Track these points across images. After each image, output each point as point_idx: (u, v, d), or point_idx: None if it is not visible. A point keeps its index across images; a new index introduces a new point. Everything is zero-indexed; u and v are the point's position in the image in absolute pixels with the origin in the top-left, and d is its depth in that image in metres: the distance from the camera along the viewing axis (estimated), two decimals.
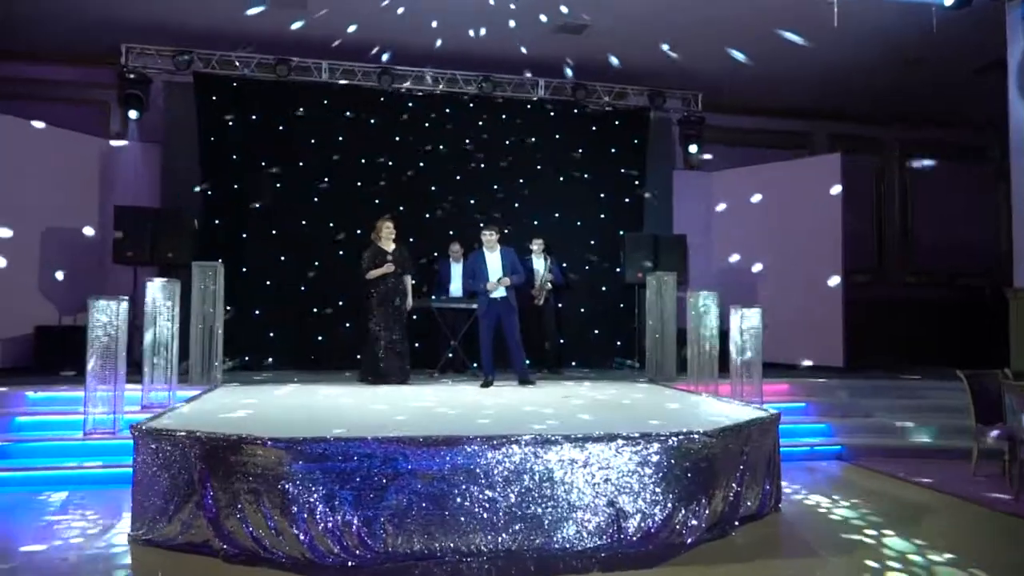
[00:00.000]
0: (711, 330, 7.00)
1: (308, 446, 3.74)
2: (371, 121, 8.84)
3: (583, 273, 9.35)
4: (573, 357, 9.26)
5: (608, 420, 4.72)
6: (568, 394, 6.21)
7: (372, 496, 3.74)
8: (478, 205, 9.03)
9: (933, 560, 3.92)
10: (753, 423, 4.55)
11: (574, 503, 3.91)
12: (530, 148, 9.24)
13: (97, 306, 5.80)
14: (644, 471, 4.02)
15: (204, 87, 8.46)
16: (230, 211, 8.46)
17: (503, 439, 3.90)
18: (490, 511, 3.83)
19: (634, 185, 9.54)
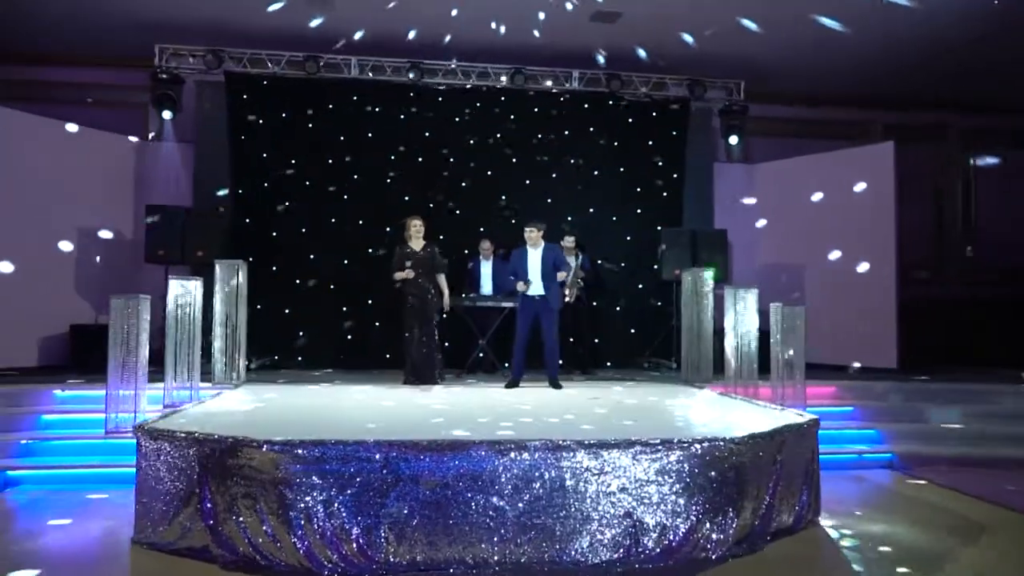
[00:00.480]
0: (750, 329, 6.61)
1: (305, 449, 3.58)
2: (401, 117, 8.71)
3: (619, 270, 9.03)
4: (608, 358, 8.96)
5: (630, 425, 4.43)
6: (596, 396, 5.93)
7: (372, 503, 3.56)
8: (510, 201, 8.81)
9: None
10: (788, 429, 4.21)
11: (588, 514, 3.65)
12: (563, 142, 8.98)
13: (116, 305, 5.79)
14: (665, 480, 3.73)
15: (235, 86, 8.47)
16: (260, 210, 8.45)
17: (511, 444, 3.67)
18: (497, 521, 3.60)
19: (672, 179, 9.17)
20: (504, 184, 8.85)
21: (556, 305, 6.61)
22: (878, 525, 4.53)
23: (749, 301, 6.64)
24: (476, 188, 8.77)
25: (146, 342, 5.94)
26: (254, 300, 8.30)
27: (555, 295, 6.58)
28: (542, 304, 6.52)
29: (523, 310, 6.58)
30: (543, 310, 6.52)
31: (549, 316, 6.54)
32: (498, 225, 8.66)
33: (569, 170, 8.95)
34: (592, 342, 8.74)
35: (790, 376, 6.33)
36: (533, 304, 6.53)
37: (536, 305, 6.53)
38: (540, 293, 6.51)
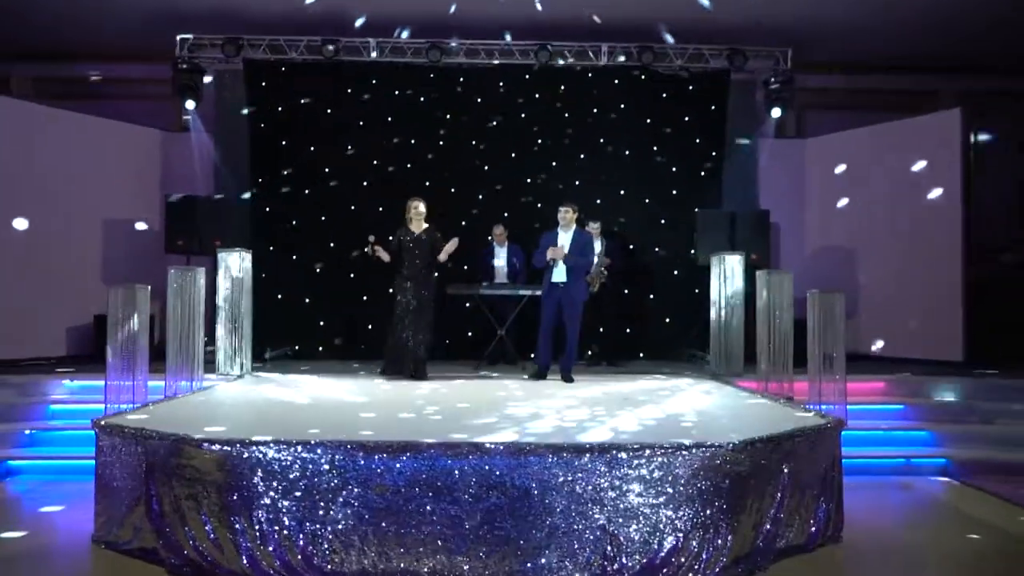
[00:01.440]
0: (784, 318, 6.00)
1: (245, 449, 3.32)
2: (421, 99, 8.42)
3: (653, 256, 8.49)
4: (642, 349, 8.45)
5: (621, 424, 3.99)
6: (608, 391, 5.47)
7: (318, 508, 3.27)
8: (536, 184, 8.40)
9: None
10: (800, 433, 3.67)
11: (557, 526, 3.26)
12: (593, 120, 8.48)
13: (114, 295, 5.71)
14: (646, 491, 3.28)
15: (254, 74, 8.36)
16: (281, 198, 8.33)
17: (468, 447, 3.30)
18: (454, 530, 3.25)
19: (711, 157, 8.53)
20: (529, 166, 8.43)
21: (580, 297, 6.18)
22: (916, 544, 3.95)
23: (783, 287, 6.03)
24: (499, 171, 8.39)
25: (146, 332, 5.86)
26: (274, 289, 8.26)
27: (579, 286, 6.15)
28: (564, 292, 6.10)
29: (547, 296, 6.18)
30: (566, 300, 6.10)
31: (572, 307, 6.12)
32: (522, 210, 8.27)
33: (599, 150, 8.45)
34: (621, 331, 8.25)
35: (828, 370, 5.71)
36: (556, 291, 6.13)
37: (559, 292, 6.11)
38: (564, 280, 6.08)
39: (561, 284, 6.08)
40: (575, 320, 6.10)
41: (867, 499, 4.81)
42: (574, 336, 6.12)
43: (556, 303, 6.12)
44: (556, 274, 6.09)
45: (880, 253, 8.30)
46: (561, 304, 6.10)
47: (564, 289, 6.07)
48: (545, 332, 6.18)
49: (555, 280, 6.10)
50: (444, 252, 6.08)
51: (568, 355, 6.14)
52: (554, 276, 6.10)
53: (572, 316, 6.09)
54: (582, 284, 6.14)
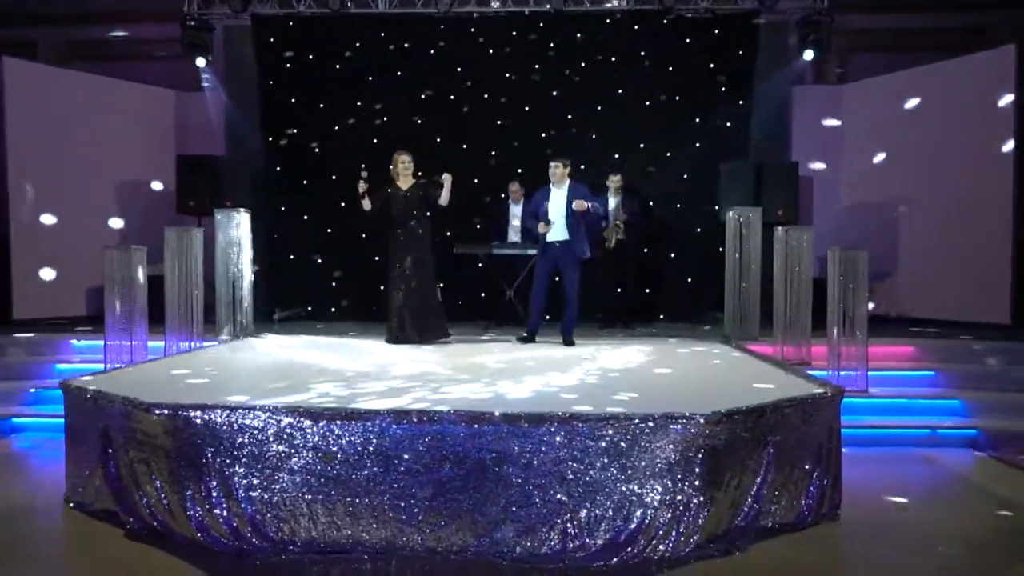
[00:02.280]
0: (803, 277, 5.60)
1: (194, 414, 3.20)
2: (431, 51, 8.09)
3: (674, 213, 8.07)
4: (663, 311, 8.11)
5: (602, 393, 3.73)
6: (590, 356, 5.17)
7: (265, 475, 3.14)
8: (550, 139, 8.02)
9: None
10: (789, 403, 3.36)
11: (513, 499, 3.07)
12: (610, 70, 8.01)
13: (109, 256, 5.71)
14: (609, 464, 3.05)
15: (262, 29, 8.16)
16: (290, 156, 8.20)
17: (419, 415, 3.11)
18: (406, 501, 3.10)
19: (738, 106, 7.98)
20: (545, 120, 8.06)
21: (581, 253, 5.84)
22: (925, 521, 3.62)
23: (802, 244, 5.61)
24: (512, 125, 8.04)
25: (144, 293, 5.86)
26: (285, 250, 8.20)
27: (580, 241, 5.81)
28: (564, 251, 5.77)
29: (543, 256, 5.88)
30: (565, 258, 5.78)
31: (571, 265, 5.80)
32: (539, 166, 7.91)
33: (617, 101, 8.00)
34: (641, 292, 7.93)
35: (850, 333, 5.31)
36: (553, 250, 5.82)
37: (556, 252, 5.80)
38: (563, 238, 5.75)
39: (558, 243, 5.78)
40: (574, 279, 5.81)
41: (881, 473, 4.48)
42: (574, 296, 5.83)
43: (552, 262, 5.84)
44: (553, 232, 5.79)
45: (923, 208, 7.71)
46: (558, 263, 5.81)
47: (561, 248, 5.78)
48: (537, 292, 5.91)
49: (551, 239, 5.80)
50: (444, 194, 5.78)
51: (569, 317, 5.87)
52: (551, 234, 5.80)
53: (571, 276, 5.80)
54: (581, 238, 5.82)
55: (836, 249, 5.39)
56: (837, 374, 5.33)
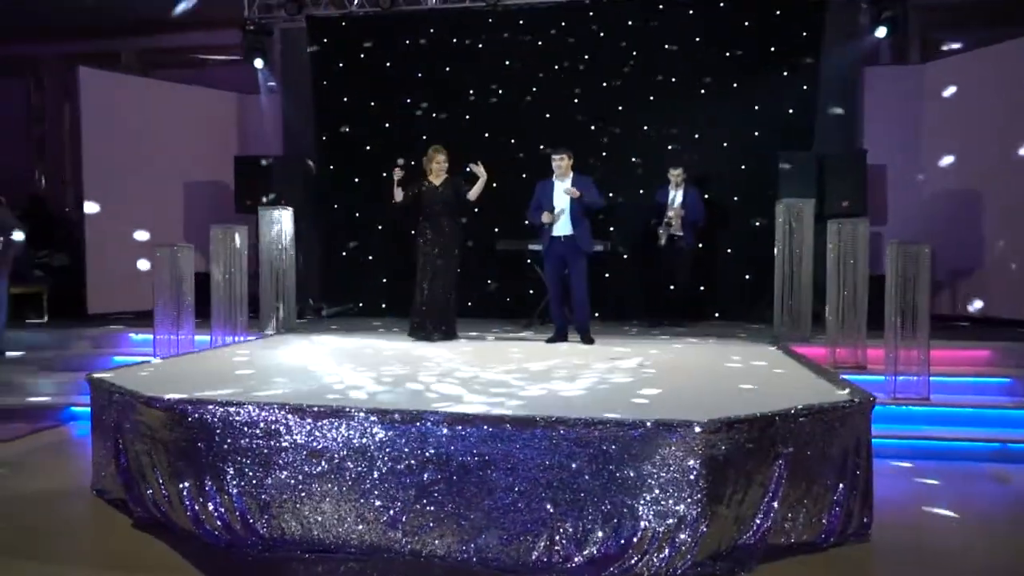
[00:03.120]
0: (858, 273, 5.17)
1: (186, 408, 3.24)
2: (479, 46, 8.01)
3: (732, 207, 7.66)
4: (718, 308, 7.72)
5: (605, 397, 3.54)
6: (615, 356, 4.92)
7: (255, 472, 3.15)
8: (601, 132, 7.79)
9: None
10: (805, 412, 3.06)
11: (497, 506, 2.94)
12: (664, 57, 7.68)
13: (161, 254, 5.94)
14: (598, 472, 2.87)
15: (316, 30, 8.33)
16: (343, 154, 8.32)
17: (404, 414, 3.02)
18: (389, 503, 3.02)
19: (802, 91, 7.47)
20: (594, 112, 7.82)
21: (587, 247, 5.68)
22: (975, 550, 3.26)
23: (857, 237, 5.18)
24: (562, 119, 7.84)
25: (191, 289, 6.07)
26: (338, 247, 8.33)
27: (585, 235, 5.63)
28: (569, 246, 5.60)
29: (549, 255, 5.72)
30: (572, 253, 5.62)
31: (578, 261, 5.63)
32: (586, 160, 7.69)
33: (670, 91, 7.66)
34: (694, 289, 7.58)
35: (910, 335, 4.86)
36: (558, 245, 5.65)
37: (562, 247, 5.63)
38: (567, 233, 5.59)
39: (563, 238, 5.59)
40: (581, 274, 5.63)
41: (936, 489, 4.07)
42: (582, 292, 5.63)
43: (559, 259, 5.66)
44: (557, 227, 5.60)
45: (1013, 200, 6.98)
46: (565, 258, 5.62)
47: (566, 243, 5.59)
48: (554, 293, 5.78)
49: (556, 234, 5.61)
50: (475, 188, 5.71)
51: (580, 314, 5.67)
52: (555, 229, 5.60)
53: (578, 270, 5.62)
54: (586, 231, 5.61)
55: (895, 243, 4.94)
56: (894, 380, 4.90)
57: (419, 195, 5.82)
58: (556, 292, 5.80)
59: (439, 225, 5.78)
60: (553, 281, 5.78)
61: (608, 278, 7.81)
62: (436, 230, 5.77)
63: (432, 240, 5.77)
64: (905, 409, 4.83)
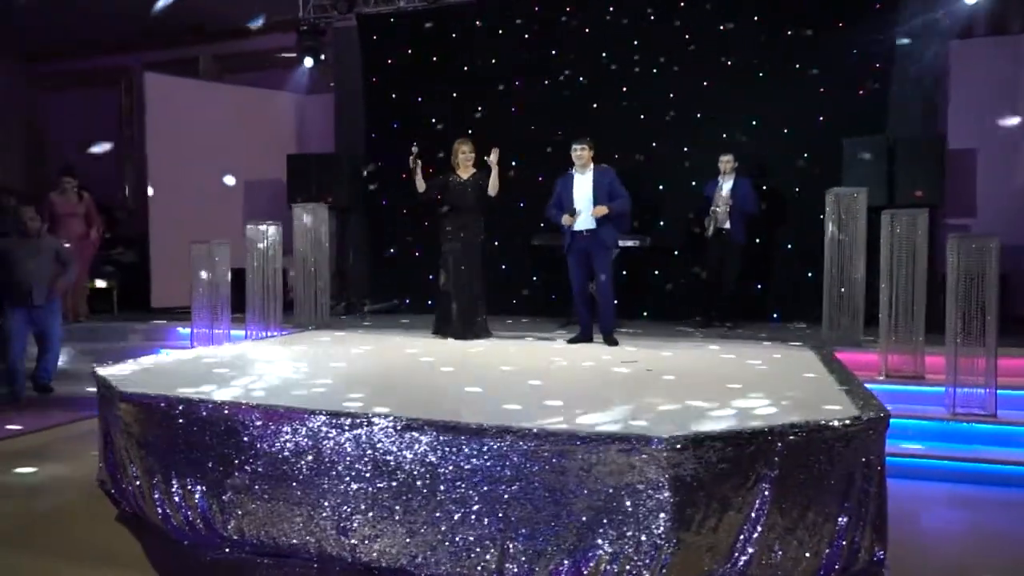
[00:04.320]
0: (916, 272, 4.59)
1: (153, 403, 3.23)
2: (525, 36, 7.80)
3: (793, 198, 7.08)
4: (777, 308, 7.16)
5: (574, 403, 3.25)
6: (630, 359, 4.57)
7: (216, 471, 3.10)
8: (651, 120, 7.40)
9: None
10: (794, 429, 2.66)
11: (442, 520, 2.74)
12: (719, 38, 7.19)
13: (196, 250, 6.10)
14: (550, 488, 2.62)
15: (366, 28, 8.40)
16: (392, 151, 8.30)
17: (354, 417, 2.87)
18: (343, 510, 2.88)
19: (873, 70, 6.80)
20: (644, 101, 7.43)
21: (612, 242, 5.37)
22: None
23: (916, 229, 4.60)
24: (609, 109, 7.51)
25: (227, 285, 6.21)
26: (386, 244, 8.35)
27: (609, 229, 5.31)
28: (592, 241, 5.28)
29: (571, 249, 5.41)
30: (595, 248, 5.29)
31: (602, 256, 5.30)
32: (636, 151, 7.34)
33: (725, 74, 7.17)
34: (750, 287, 7.06)
35: (975, 341, 4.26)
36: (581, 240, 5.34)
37: (585, 242, 5.32)
38: (590, 227, 5.27)
39: (585, 232, 5.26)
40: (606, 270, 5.30)
41: (988, 522, 3.52)
42: (607, 290, 5.29)
43: (582, 255, 5.33)
44: (579, 221, 5.27)
45: None
46: (589, 253, 5.29)
47: (589, 238, 5.26)
48: (579, 292, 5.45)
49: (578, 228, 5.29)
50: (492, 181, 5.52)
51: (604, 314, 5.33)
52: (576, 224, 5.29)
53: (602, 266, 5.29)
54: (611, 228, 5.28)
55: (957, 236, 4.34)
56: (954, 392, 4.31)
57: (444, 187, 5.68)
58: (580, 290, 5.50)
59: (463, 222, 5.62)
60: (576, 279, 5.48)
61: (657, 275, 7.42)
62: (459, 226, 5.62)
63: (454, 237, 5.62)
64: (966, 426, 4.24)
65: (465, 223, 5.61)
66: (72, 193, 6.93)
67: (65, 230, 6.85)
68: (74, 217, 6.93)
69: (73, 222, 6.90)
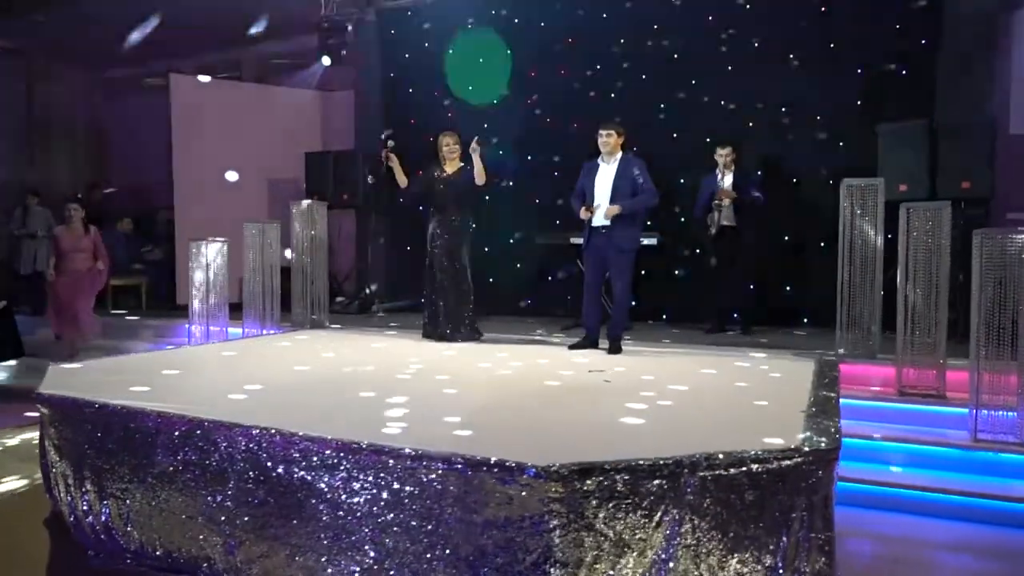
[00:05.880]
0: (938, 272, 4.01)
1: (65, 404, 3.15)
2: (541, 24, 7.47)
3: (823, 190, 6.45)
4: (808, 312, 6.54)
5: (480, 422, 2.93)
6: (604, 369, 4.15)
7: (118, 479, 2.97)
8: (671, 109, 6.93)
9: None
10: (706, 464, 2.26)
11: (324, 537, 2.51)
12: (745, 18, 6.64)
13: (192, 248, 6.10)
14: (423, 515, 2.35)
15: (385, 23, 8.28)
16: (410, 147, 8.12)
17: (243, 431, 2.66)
18: (225, 527, 2.70)
19: (918, 48, 6.11)
20: (665, 87, 6.95)
21: (632, 242, 4.91)
22: None
23: (938, 224, 4.03)
24: (629, 98, 7.07)
25: (224, 282, 6.18)
26: (402, 242, 8.18)
27: (628, 228, 4.86)
28: (610, 239, 4.85)
29: (587, 247, 5.00)
30: (611, 249, 4.86)
31: (619, 256, 4.86)
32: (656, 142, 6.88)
33: (751, 57, 6.61)
34: (777, 290, 6.50)
35: (1004, 354, 3.67)
36: (598, 239, 4.92)
37: (601, 241, 4.90)
38: (606, 224, 4.85)
39: (603, 229, 4.85)
40: (624, 273, 4.84)
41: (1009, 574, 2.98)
42: (622, 294, 4.86)
43: (598, 254, 4.92)
44: (597, 217, 4.87)
45: None
46: (605, 254, 4.87)
47: (607, 235, 4.84)
48: (590, 291, 5.02)
49: (596, 224, 4.88)
50: (477, 170, 5.19)
51: (616, 318, 4.92)
52: (595, 219, 4.88)
53: (620, 268, 4.85)
54: (627, 224, 4.82)
55: (982, 232, 3.75)
56: (976, 414, 3.73)
57: (430, 183, 5.44)
58: (590, 292, 5.06)
59: (446, 219, 5.37)
60: (588, 279, 5.04)
61: (678, 275, 6.94)
62: (442, 225, 5.37)
63: (441, 233, 5.37)
64: (990, 455, 3.65)
65: (445, 223, 5.36)
66: (78, 224, 6.62)
67: (71, 265, 6.66)
68: (80, 252, 6.66)
69: (79, 258, 6.65)
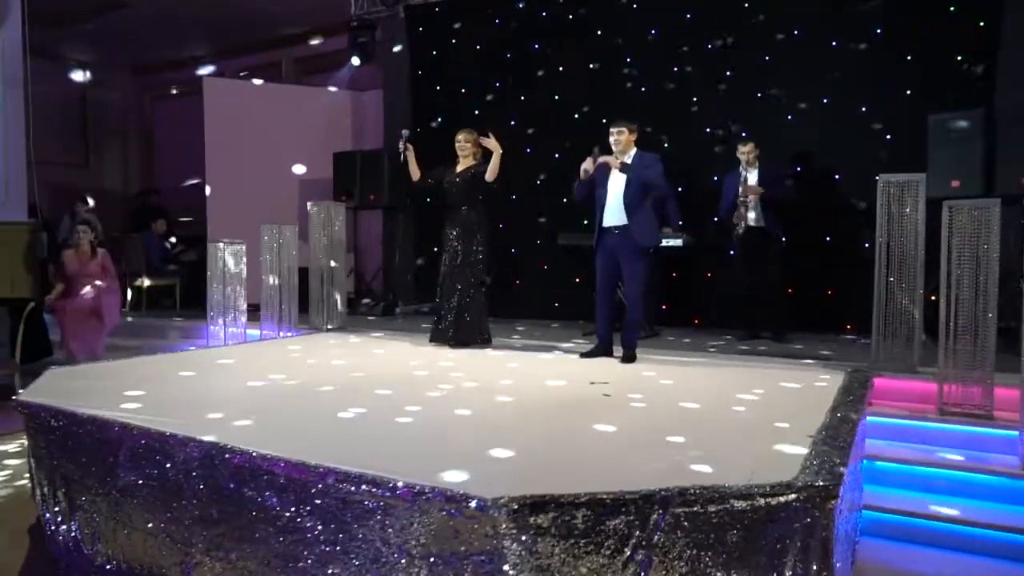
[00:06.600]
0: (988, 276, 3.60)
1: (40, 412, 3.08)
2: (569, 16, 7.22)
3: (870, 188, 5.99)
4: (852, 318, 6.09)
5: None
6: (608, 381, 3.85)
7: (85, 488, 2.88)
8: (701, 105, 6.60)
9: None
10: (680, 500, 1.98)
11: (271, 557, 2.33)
12: (784, 6, 6.25)
13: (211, 250, 6.08)
14: (363, 545, 2.14)
15: (413, 21, 8.16)
16: (436, 147, 7.98)
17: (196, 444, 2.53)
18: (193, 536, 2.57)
19: (974, 35, 5.61)
20: (693, 85, 6.62)
21: (646, 242, 4.58)
22: None
23: (986, 225, 3.61)
24: (658, 91, 6.75)
25: (242, 283, 6.15)
26: (429, 244, 8.04)
27: (644, 227, 4.56)
28: (623, 239, 4.55)
29: (599, 248, 4.70)
30: (625, 249, 4.56)
31: (632, 258, 4.55)
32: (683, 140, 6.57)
33: (787, 48, 6.21)
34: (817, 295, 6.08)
35: None
36: (610, 239, 4.62)
37: (614, 241, 4.60)
38: (621, 223, 4.55)
39: (615, 229, 4.56)
40: (636, 276, 4.53)
41: None
42: (635, 298, 4.56)
43: (609, 255, 4.63)
44: (608, 215, 4.58)
45: None
46: (616, 255, 4.58)
47: (619, 235, 4.54)
48: (601, 296, 4.72)
49: (607, 224, 4.59)
50: (491, 167, 4.99)
51: (628, 325, 4.61)
52: (606, 218, 4.59)
53: (631, 274, 4.54)
54: (644, 222, 4.52)
55: None
56: None
57: (441, 183, 5.27)
58: (602, 297, 4.76)
59: (457, 218, 5.19)
60: (600, 282, 4.74)
61: (710, 277, 6.59)
62: (454, 224, 5.20)
63: (451, 233, 5.20)
64: None
65: (456, 222, 5.18)
66: (86, 247, 6.39)
67: (80, 291, 6.36)
68: (86, 278, 6.35)
69: (87, 283, 6.36)
